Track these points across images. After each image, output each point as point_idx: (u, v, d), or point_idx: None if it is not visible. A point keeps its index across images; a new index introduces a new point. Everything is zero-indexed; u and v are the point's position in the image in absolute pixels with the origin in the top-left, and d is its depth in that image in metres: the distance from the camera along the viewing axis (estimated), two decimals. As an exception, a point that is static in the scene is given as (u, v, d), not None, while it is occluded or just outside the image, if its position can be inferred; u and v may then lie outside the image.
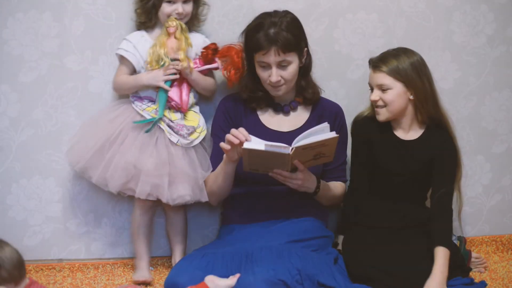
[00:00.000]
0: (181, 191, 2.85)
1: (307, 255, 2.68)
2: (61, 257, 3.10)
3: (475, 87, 3.28)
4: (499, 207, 3.37)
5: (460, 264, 2.89)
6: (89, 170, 2.88)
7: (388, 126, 2.93)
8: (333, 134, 2.68)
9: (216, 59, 2.91)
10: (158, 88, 2.87)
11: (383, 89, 2.83)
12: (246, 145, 2.63)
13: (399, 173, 2.89)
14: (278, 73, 2.81)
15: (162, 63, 2.84)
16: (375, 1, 3.16)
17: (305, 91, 2.93)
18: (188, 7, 2.89)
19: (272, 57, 2.78)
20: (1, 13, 2.92)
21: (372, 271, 2.72)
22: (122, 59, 2.93)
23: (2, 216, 3.03)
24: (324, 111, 2.97)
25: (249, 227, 2.87)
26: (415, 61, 2.84)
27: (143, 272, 2.97)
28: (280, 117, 2.96)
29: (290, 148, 2.62)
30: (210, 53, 2.90)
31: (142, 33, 2.93)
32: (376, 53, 3.04)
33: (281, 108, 2.95)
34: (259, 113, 2.97)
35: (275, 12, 2.84)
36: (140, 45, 2.90)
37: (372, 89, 2.88)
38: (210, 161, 2.93)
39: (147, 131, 2.84)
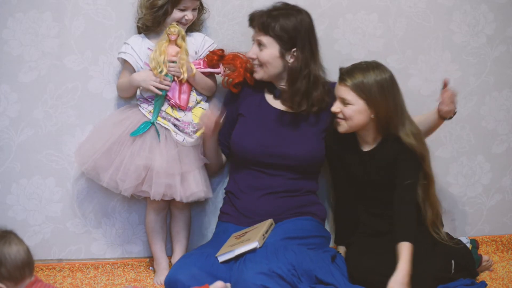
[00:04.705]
0: (194, 188, 2.88)
1: (303, 252, 2.69)
2: (61, 257, 3.10)
3: (475, 87, 3.28)
4: (499, 207, 3.37)
5: (470, 268, 2.89)
6: (99, 173, 2.88)
7: (354, 139, 2.87)
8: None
9: (220, 65, 2.95)
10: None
11: (345, 102, 2.76)
12: (220, 259, 2.71)
13: (374, 183, 2.84)
14: (255, 50, 2.90)
15: (159, 70, 2.85)
16: (375, 1, 3.16)
17: (294, 97, 2.91)
18: (195, 13, 2.94)
19: (255, 33, 2.90)
20: (1, 13, 2.93)
21: (372, 273, 2.71)
22: (123, 62, 2.95)
23: (2, 216, 3.02)
24: None
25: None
26: (382, 79, 2.74)
27: (164, 276, 2.95)
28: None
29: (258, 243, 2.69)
30: (216, 58, 2.93)
31: (142, 35, 2.95)
32: (376, 53, 3.05)
33: (273, 90, 2.98)
34: (266, 93, 3.00)
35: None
36: (138, 47, 2.92)
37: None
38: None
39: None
